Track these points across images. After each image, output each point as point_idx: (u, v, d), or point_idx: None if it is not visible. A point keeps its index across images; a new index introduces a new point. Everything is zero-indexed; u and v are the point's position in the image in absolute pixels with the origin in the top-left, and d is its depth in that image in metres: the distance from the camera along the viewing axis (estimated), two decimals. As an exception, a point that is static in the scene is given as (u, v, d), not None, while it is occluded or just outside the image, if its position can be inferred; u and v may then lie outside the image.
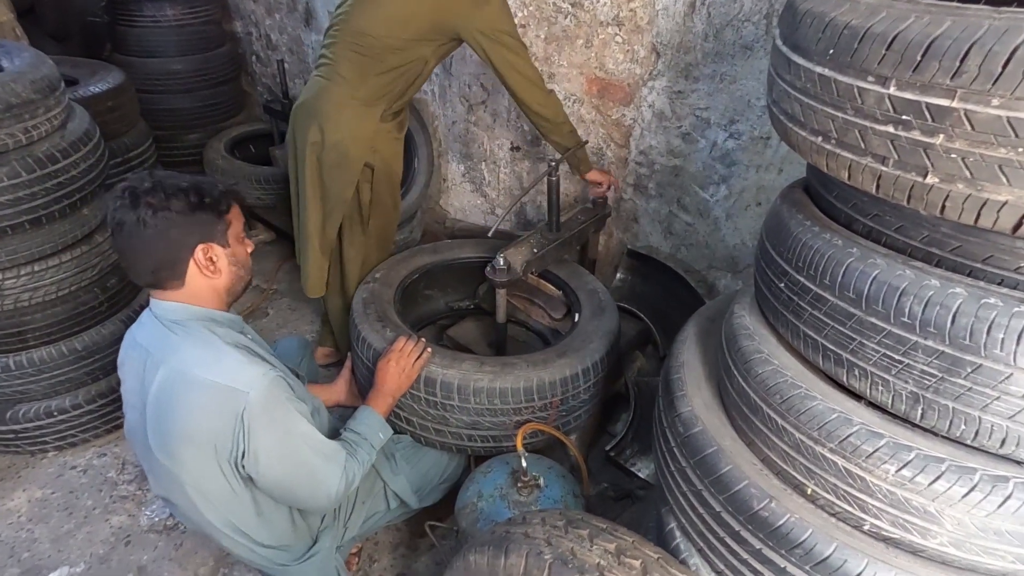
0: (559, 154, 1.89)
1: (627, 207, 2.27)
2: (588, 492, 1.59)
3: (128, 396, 1.27)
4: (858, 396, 0.85)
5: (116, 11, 3.25)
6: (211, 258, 1.18)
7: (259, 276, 2.90)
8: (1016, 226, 0.65)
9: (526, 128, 2.42)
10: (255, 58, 3.78)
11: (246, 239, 1.29)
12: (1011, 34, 0.59)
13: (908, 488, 0.77)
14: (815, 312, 0.85)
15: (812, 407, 0.85)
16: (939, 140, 0.66)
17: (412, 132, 2.61)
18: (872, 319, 0.77)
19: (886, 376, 0.78)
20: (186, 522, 1.42)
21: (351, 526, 1.49)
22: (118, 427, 2.07)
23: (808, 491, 0.88)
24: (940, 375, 0.73)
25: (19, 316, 1.79)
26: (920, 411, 0.77)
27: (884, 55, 0.67)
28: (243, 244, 1.27)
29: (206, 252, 1.17)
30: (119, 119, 2.54)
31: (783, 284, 0.91)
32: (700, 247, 2.13)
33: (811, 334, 0.87)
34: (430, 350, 1.57)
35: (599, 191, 2.03)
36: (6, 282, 1.73)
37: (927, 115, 0.66)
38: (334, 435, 1.49)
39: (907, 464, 0.77)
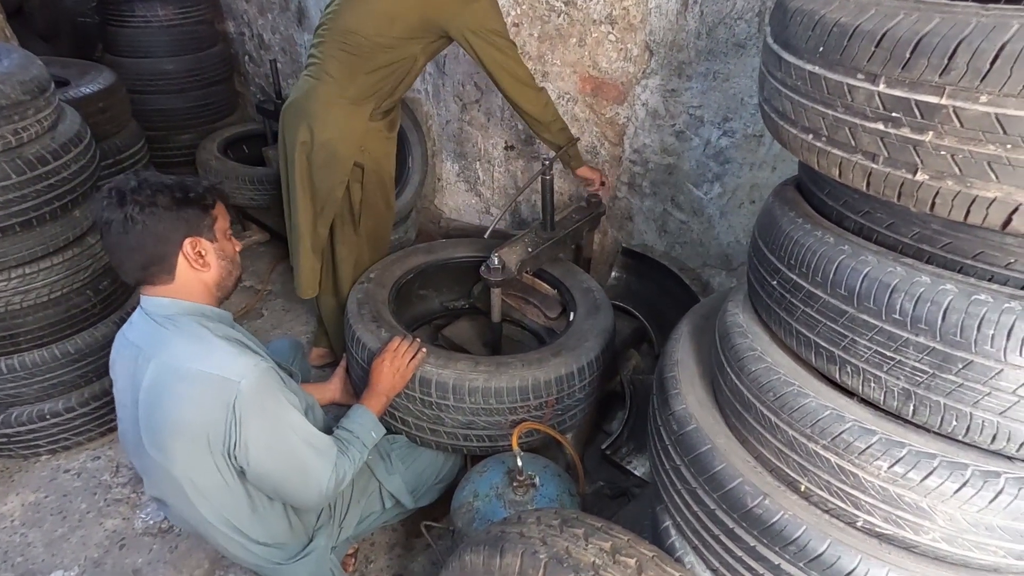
0: (552, 152, 1.89)
1: (621, 205, 2.27)
2: (584, 491, 1.59)
3: (120, 396, 1.27)
4: (850, 393, 0.85)
5: (107, 11, 3.23)
6: (199, 252, 1.19)
7: (253, 277, 2.89)
8: (1005, 222, 0.66)
9: (520, 127, 2.42)
10: (248, 58, 3.77)
11: (233, 238, 1.30)
12: (998, 31, 0.59)
13: (900, 484, 0.78)
14: (807, 309, 0.85)
15: (805, 404, 0.85)
16: (928, 137, 0.66)
17: (406, 131, 2.60)
18: (864, 316, 0.77)
19: (878, 373, 0.79)
20: (181, 523, 1.42)
21: (346, 526, 1.49)
22: (111, 430, 2.06)
23: (802, 488, 0.88)
24: (931, 371, 0.73)
25: (10, 319, 1.77)
26: (912, 407, 0.77)
27: (873, 52, 0.68)
28: (230, 241, 1.28)
29: (194, 246, 1.18)
30: (110, 120, 2.53)
31: (775, 282, 0.91)
32: (694, 245, 2.13)
33: (803, 331, 0.87)
34: (425, 350, 1.56)
35: (591, 188, 2.03)
36: (-3, 285, 1.72)
37: (916, 112, 0.66)
38: (327, 433, 1.49)
39: (899, 460, 0.77)
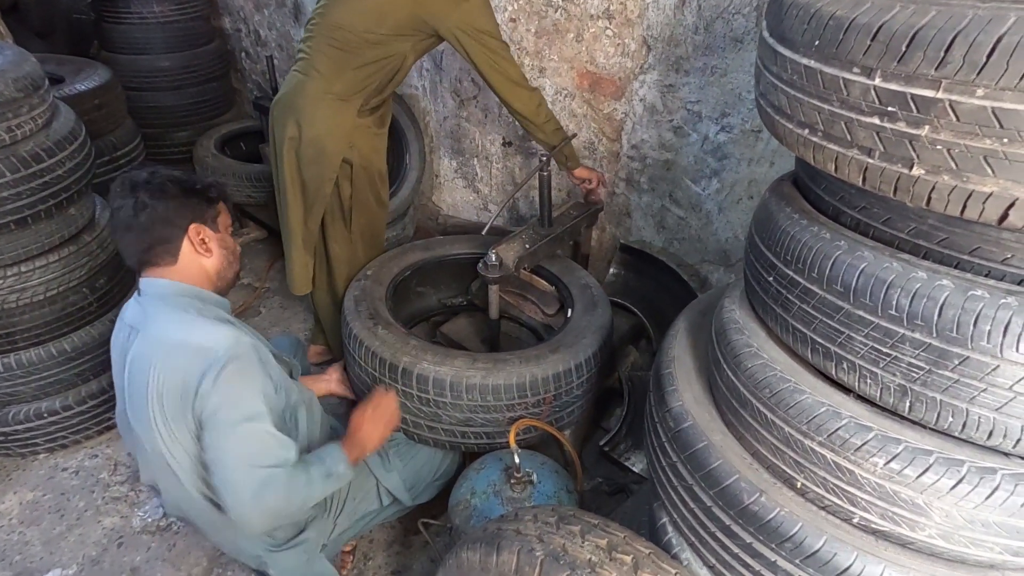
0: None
1: (619, 202, 2.26)
2: (582, 487, 1.59)
3: (116, 379, 1.28)
4: (847, 389, 0.85)
5: (102, 8, 3.21)
6: (203, 239, 1.26)
7: (251, 274, 2.89)
8: (1002, 217, 0.65)
9: (517, 123, 2.40)
10: (244, 54, 3.75)
11: (233, 238, 1.35)
12: (995, 24, 0.59)
13: (897, 481, 0.77)
14: (804, 306, 0.85)
15: (801, 401, 0.85)
16: (924, 131, 0.65)
17: (403, 128, 2.59)
18: (860, 312, 0.77)
19: (874, 369, 0.78)
20: (175, 511, 1.41)
21: (340, 523, 1.48)
22: (109, 428, 2.06)
23: (798, 485, 0.88)
24: (928, 367, 0.73)
25: (7, 317, 1.77)
26: (908, 404, 0.77)
27: (869, 46, 0.67)
28: (231, 237, 1.34)
29: (198, 232, 1.25)
30: (106, 117, 2.52)
31: (772, 278, 0.90)
32: (692, 241, 2.13)
33: (800, 328, 0.87)
34: (398, 419, 1.43)
35: (588, 187, 2.02)
36: (-7, 283, 1.71)
37: (912, 106, 0.65)
38: (325, 434, 1.48)
39: (895, 457, 0.77)
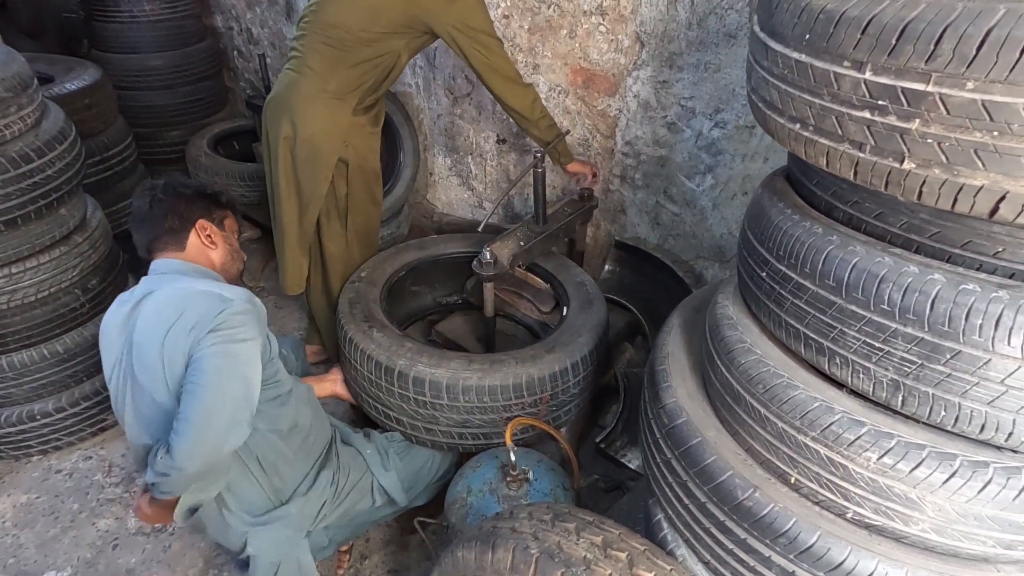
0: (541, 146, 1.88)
1: (614, 198, 2.26)
2: (578, 485, 1.59)
3: (108, 358, 1.29)
4: (840, 384, 0.85)
5: (92, 7, 3.19)
6: (209, 234, 1.37)
7: (245, 274, 2.86)
8: (992, 210, 0.65)
9: (511, 120, 2.40)
10: (236, 53, 3.73)
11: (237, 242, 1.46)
12: (984, 16, 0.58)
13: (890, 475, 0.77)
14: (796, 301, 0.85)
15: (794, 396, 0.85)
16: (915, 125, 0.65)
17: (397, 126, 2.58)
18: (852, 307, 0.77)
19: (867, 364, 0.78)
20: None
21: (328, 512, 1.47)
22: (103, 429, 2.05)
23: (792, 480, 0.88)
24: (920, 362, 0.73)
25: (-2, 319, 1.76)
26: (901, 398, 0.77)
27: (859, 39, 0.67)
28: (235, 240, 1.45)
29: (204, 228, 1.36)
30: (96, 117, 2.50)
31: (764, 273, 0.90)
32: (687, 237, 2.12)
33: (793, 323, 0.87)
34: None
35: (583, 183, 2.02)
36: (-17, 285, 1.70)
37: (903, 100, 0.65)
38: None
39: (888, 451, 0.77)
